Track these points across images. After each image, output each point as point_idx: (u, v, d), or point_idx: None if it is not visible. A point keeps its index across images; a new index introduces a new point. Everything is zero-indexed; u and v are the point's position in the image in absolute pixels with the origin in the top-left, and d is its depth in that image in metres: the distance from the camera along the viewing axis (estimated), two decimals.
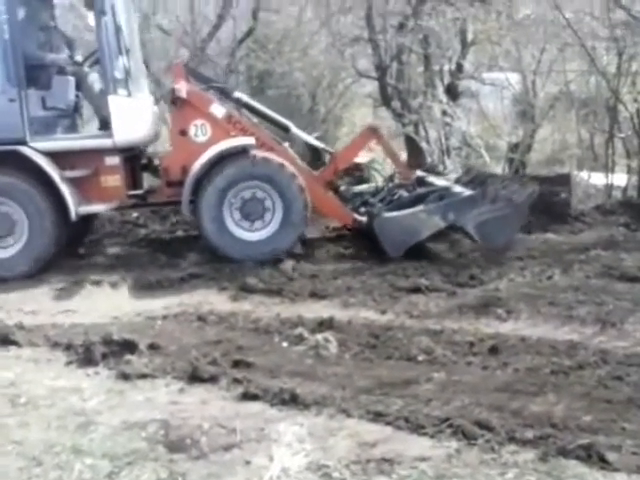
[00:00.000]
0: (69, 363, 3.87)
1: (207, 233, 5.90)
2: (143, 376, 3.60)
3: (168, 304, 4.92)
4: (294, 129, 6.93)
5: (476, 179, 6.55)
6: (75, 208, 5.73)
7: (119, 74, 5.96)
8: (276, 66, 11.27)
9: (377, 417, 3.05)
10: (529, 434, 2.78)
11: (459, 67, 9.92)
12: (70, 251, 6.41)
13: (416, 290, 4.94)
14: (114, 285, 5.43)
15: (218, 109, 6.19)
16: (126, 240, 7.05)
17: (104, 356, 3.83)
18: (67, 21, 7.27)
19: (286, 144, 6.69)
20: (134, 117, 6.05)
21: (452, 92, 9.82)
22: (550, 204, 6.98)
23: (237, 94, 6.85)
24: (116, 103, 5.84)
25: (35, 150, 5.68)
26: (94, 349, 3.85)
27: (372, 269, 5.50)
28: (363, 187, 6.90)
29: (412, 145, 9.75)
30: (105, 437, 3.00)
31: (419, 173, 7.07)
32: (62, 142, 5.90)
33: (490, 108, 10.42)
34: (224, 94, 6.73)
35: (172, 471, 2.70)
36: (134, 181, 6.31)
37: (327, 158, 6.84)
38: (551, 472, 2.57)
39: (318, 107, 11.46)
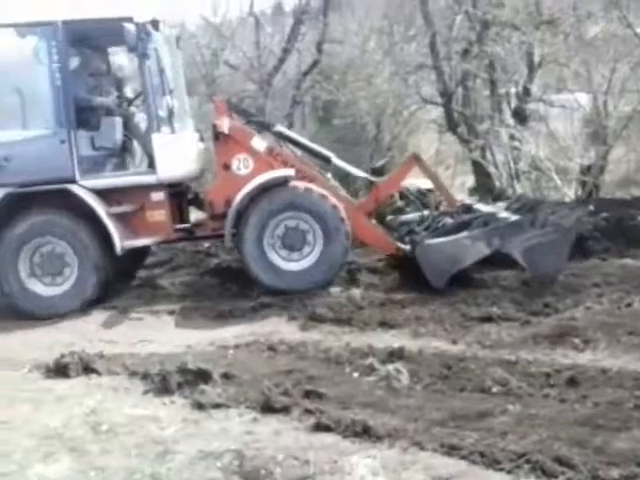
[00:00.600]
0: (146, 392, 3.98)
1: (249, 264, 5.97)
2: (217, 406, 3.67)
3: (239, 333, 5.01)
4: (335, 159, 6.99)
5: (525, 205, 6.36)
6: (121, 243, 5.93)
7: (162, 113, 6.16)
8: (341, 96, 11.42)
9: (451, 450, 2.99)
10: (614, 473, 2.66)
11: (526, 90, 9.77)
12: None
13: (488, 319, 4.84)
14: (187, 316, 5.59)
15: (259, 143, 6.33)
16: (198, 270, 7.22)
17: (179, 385, 3.92)
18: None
19: (329, 175, 6.77)
20: (177, 154, 6.22)
21: (519, 115, 9.67)
22: (627, 228, 6.72)
23: (278, 127, 7.00)
24: (159, 141, 6.07)
25: (83, 188, 5.93)
26: (170, 378, 3.95)
27: (442, 298, 5.42)
28: (409, 216, 6.83)
29: (479, 170, 9.65)
30: (182, 466, 3.07)
31: (467, 201, 6.93)
32: (109, 180, 6.13)
33: (560, 130, 10.17)
34: (265, 128, 6.84)
35: None
36: (181, 215, 6.51)
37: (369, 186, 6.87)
38: None
39: (383, 135, 11.50)
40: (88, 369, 4.33)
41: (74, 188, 5.89)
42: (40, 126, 6.03)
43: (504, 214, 6.11)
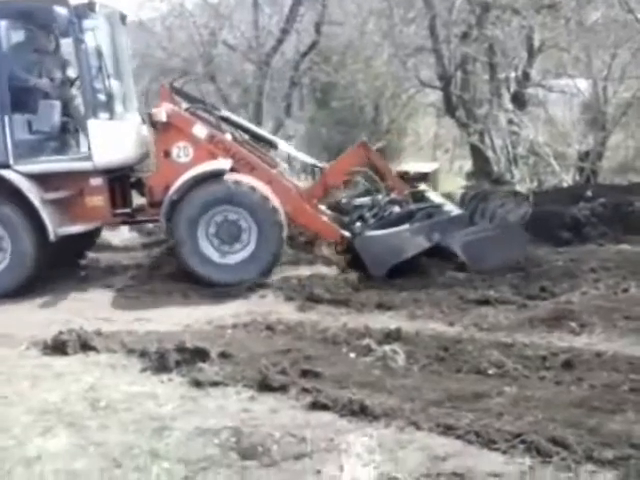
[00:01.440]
0: (144, 369, 3.99)
1: (181, 256, 5.90)
2: (215, 384, 3.68)
3: (237, 313, 5.02)
4: (282, 145, 6.97)
5: (478, 195, 6.40)
6: (54, 229, 5.85)
7: (100, 98, 6.08)
8: (339, 78, 11.37)
9: (447, 430, 3.02)
10: (608, 454, 2.69)
11: (525, 75, 9.74)
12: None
13: (485, 302, 4.88)
14: (185, 294, 5.60)
15: (200, 130, 6.23)
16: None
17: (177, 363, 3.93)
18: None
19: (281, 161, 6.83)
20: (115, 140, 6.14)
21: (518, 100, 9.65)
22: (624, 214, 6.75)
23: (224, 112, 6.91)
24: (95, 127, 5.97)
25: (17, 173, 5.84)
26: (168, 356, 3.96)
27: (439, 281, 5.45)
28: (363, 200, 6.73)
29: (478, 154, 9.64)
30: (180, 442, 3.09)
31: (422, 187, 6.93)
32: (45, 165, 6.00)
33: (558, 116, 10.17)
34: (210, 113, 6.68)
35: (244, 478, 2.76)
36: (124, 199, 6.48)
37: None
38: None
39: (381, 118, 11.49)
40: (86, 346, 4.33)
41: (6, 173, 5.82)
42: None
43: (448, 207, 6.14)
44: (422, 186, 6.96)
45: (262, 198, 5.85)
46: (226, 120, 6.75)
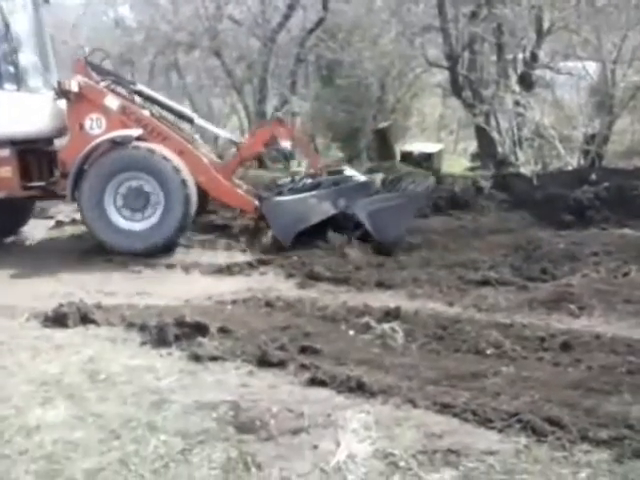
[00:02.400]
0: (143, 343, 4.01)
1: (88, 222, 6.02)
2: (214, 358, 3.70)
3: (237, 289, 5.03)
4: (198, 120, 7.07)
5: (396, 179, 6.58)
6: None
7: (6, 69, 6.14)
8: (345, 55, 11.27)
9: (444, 409, 3.02)
10: (603, 434, 2.70)
11: (534, 56, 9.63)
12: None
13: (485, 283, 4.87)
14: (186, 269, 5.61)
15: (112, 101, 6.29)
16: (196, 226, 7.22)
17: (177, 337, 3.94)
18: None
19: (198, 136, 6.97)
20: (22, 111, 6.20)
21: (525, 82, 9.56)
22: (628, 198, 6.72)
23: (139, 86, 7.00)
24: (0, 98, 6.04)
25: None
26: (167, 330, 3.97)
27: (440, 261, 5.45)
28: (286, 179, 6.91)
29: (483, 135, 9.59)
30: (178, 415, 3.10)
31: (343, 167, 7.03)
32: None
33: (565, 98, 10.07)
34: (125, 87, 6.79)
35: (242, 451, 2.77)
36: (40, 174, 6.52)
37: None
38: (627, 475, 2.49)
39: (387, 97, 11.40)
40: (86, 319, 4.34)
41: None
42: None
43: (357, 177, 6.25)
44: (345, 167, 7.08)
45: (173, 169, 5.92)
46: (141, 94, 6.88)
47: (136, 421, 3.05)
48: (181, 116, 7.08)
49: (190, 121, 7.01)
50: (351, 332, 4.07)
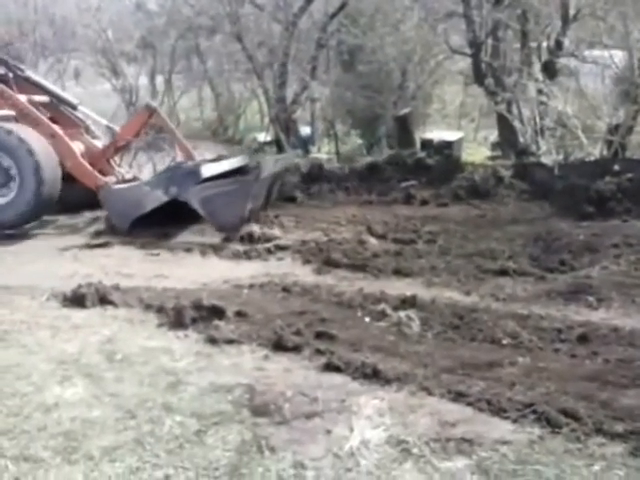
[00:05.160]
0: (161, 325, 4.05)
1: None
2: (230, 341, 3.73)
3: (254, 274, 5.06)
4: (81, 107, 7.70)
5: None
6: None
7: None
8: (367, 41, 11.16)
9: (458, 397, 3.03)
10: (619, 427, 2.69)
11: (558, 44, 9.44)
12: None
13: (503, 273, 4.84)
14: (204, 253, 5.64)
15: None
16: None
17: (194, 320, 3.99)
18: None
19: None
20: None
21: (549, 70, 9.38)
22: None
23: (28, 73, 7.51)
24: None
25: None
26: (184, 313, 4.02)
27: (458, 250, 5.43)
28: None
29: (504, 124, 9.45)
30: (193, 397, 3.14)
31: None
32: None
33: (590, 87, 9.89)
34: (14, 72, 7.27)
35: (256, 434, 2.80)
36: None
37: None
38: None
39: (408, 83, 11.26)
40: (104, 300, 4.40)
41: None
42: None
43: (191, 164, 6.44)
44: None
45: (27, 151, 6.33)
46: (28, 80, 7.36)
47: (152, 401, 3.10)
48: (65, 102, 7.60)
49: (74, 107, 7.59)
50: (367, 319, 4.07)
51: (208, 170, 6.20)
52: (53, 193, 6.50)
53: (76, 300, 4.39)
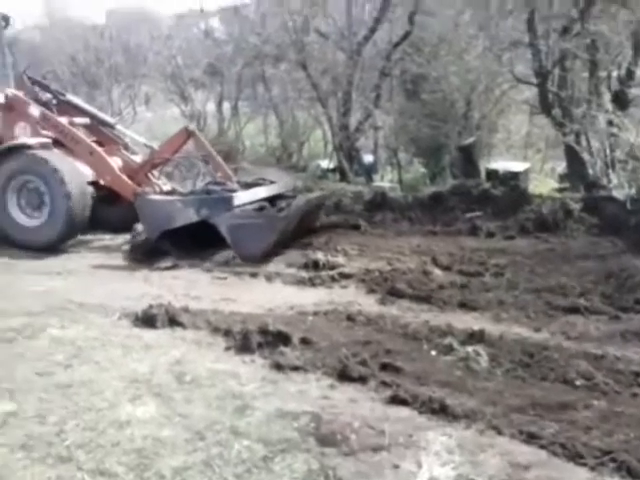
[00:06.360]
0: (228, 348, 4.11)
1: None
2: (295, 368, 3.75)
3: (319, 301, 5.07)
4: (119, 127, 8.16)
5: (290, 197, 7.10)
6: None
7: None
8: (431, 70, 11.18)
9: (530, 439, 2.94)
10: None
11: (629, 73, 9.22)
12: None
13: (574, 310, 4.69)
14: (269, 278, 5.72)
15: (34, 110, 7.22)
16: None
17: (260, 345, 4.03)
18: None
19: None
20: None
21: (620, 101, 9.16)
22: None
23: (68, 97, 7.95)
24: None
25: None
26: (251, 337, 4.06)
27: (526, 284, 5.30)
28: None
29: (572, 156, 9.26)
30: (260, 422, 3.16)
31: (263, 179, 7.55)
32: None
33: None
34: (57, 97, 7.71)
35: (323, 464, 2.79)
36: None
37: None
38: None
39: (472, 113, 11.20)
40: (174, 321, 4.50)
41: None
42: None
43: (225, 190, 6.63)
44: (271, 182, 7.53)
45: (52, 170, 6.65)
46: (69, 104, 7.79)
47: (220, 424, 3.13)
48: (104, 123, 8.00)
49: (112, 127, 7.99)
50: (433, 352, 4.02)
51: (240, 198, 6.40)
52: (83, 217, 6.87)
53: (147, 320, 4.51)
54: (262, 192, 7.04)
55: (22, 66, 10.13)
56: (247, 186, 7.12)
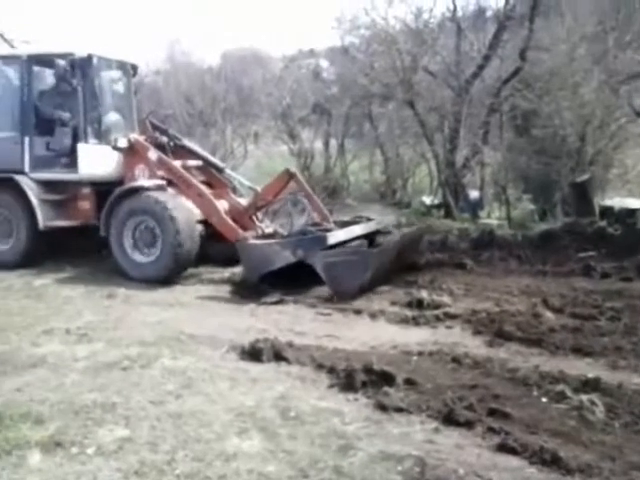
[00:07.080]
0: (332, 386, 4.13)
1: (113, 253, 7.51)
2: (399, 410, 3.70)
3: (423, 341, 5.00)
4: (227, 170, 8.60)
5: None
6: (44, 221, 7.81)
7: (92, 128, 7.91)
8: (543, 105, 10.90)
9: None
10: None
11: None
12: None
13: None
14: (373, 316, 5.72)
15: (153, 154, 7.79)
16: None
17: (364, 384, 4.01)
18: None
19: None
20: (98, 160, 7.87)
21: None
22: None
23: (184, 141, 8.43)
24: (83, 149, 7.83)
25: (28, 178, 7.95)
26: (355, 376, 4.06)
27: None
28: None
29: None
30: (363, 463, 3.14)
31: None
32: (48, 174, 8.02)
33: None
34: (173, 141, 8.23)
35: None
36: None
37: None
38: None
39: (586, 148, 10.75)
40: (279, 356, 4.59)
41: (17, 177, 7.89)
42: (6, 130, 8.18)
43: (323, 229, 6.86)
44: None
45: (163, 209, 7.17)
46: (184, 148, 8.32)
47: (323, 463, 3.15)
48: (214, 167, 8.49)
49: (220, 170, 8.48)
50: (544, 399, 3.84)
51: (334, 237, 6.60)
52: (190, 253, 7.29)
53: (253, 354, 4.63)
54: (358, 230, 7.20)
55: (145, 109, 11.01)
56: (343, 224, 7.35)
